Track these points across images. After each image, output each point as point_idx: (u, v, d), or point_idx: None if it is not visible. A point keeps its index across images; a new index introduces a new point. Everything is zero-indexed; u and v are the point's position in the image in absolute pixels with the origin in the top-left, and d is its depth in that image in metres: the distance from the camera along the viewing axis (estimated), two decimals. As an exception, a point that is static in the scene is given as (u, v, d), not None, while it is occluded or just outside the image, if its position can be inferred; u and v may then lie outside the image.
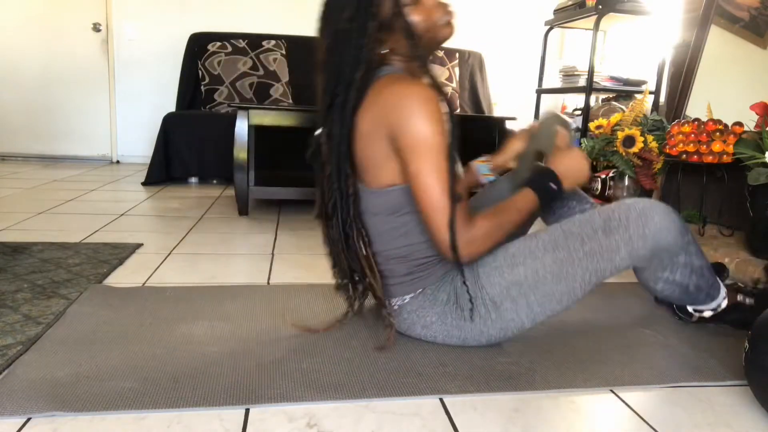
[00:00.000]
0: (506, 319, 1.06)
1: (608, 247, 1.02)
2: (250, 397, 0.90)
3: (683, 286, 1.14)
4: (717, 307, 1.22)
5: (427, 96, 0.95)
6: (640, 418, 0.90)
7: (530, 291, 1.03)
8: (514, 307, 1.05)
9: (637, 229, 1.01)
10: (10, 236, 1.86)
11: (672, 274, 1.11)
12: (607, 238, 1.01)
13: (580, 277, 1.03)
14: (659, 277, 1.12)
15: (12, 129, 4.05)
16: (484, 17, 4.43)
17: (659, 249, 1.04)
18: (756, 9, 2.31)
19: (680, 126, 2.04)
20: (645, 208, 1.03)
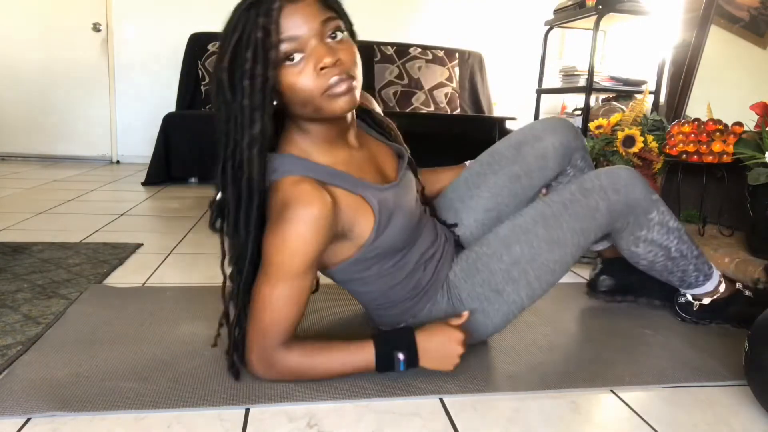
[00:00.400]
0: (509, 302, 1.06)
1: (588, 206, 1.05)
2: (250, 397, 0.90)
3: (665, 248, 1.15)
4: (715, 291, 1.23)
5: (299, 219, 0.84)
6: (640, 418, 0.90)
7: (529, 267, 1.04)
8: (516, 289, 1.05)
9: (610, 184, 1.07)
10: (10, 236, 1.86)
11: (649, 232, 1.12)
12: (586, 198, 1.05)
13: (570, 242, 1.05)
14: (639, 237, 1.13)
15: (12, 129, 4.05)
16: (484, 17, 4.43)
17: (632, 202, 1.08)
18: (756, 9, 2.31)
19: (680, 126, 2.04)
20: (611, 168, 1.10)
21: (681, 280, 1.22)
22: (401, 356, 0.92)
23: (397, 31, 4.26)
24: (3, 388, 0.89)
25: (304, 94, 0.85)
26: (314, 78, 0.84)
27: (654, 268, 1.20)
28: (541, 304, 1.41)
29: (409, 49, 3.97)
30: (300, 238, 0.85)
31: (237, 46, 0.82)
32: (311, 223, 0.84)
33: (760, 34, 2.29)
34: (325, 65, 0.83)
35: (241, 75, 0.82)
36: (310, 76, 0.84)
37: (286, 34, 0.82)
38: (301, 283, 0.88)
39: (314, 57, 0.83)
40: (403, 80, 3.88)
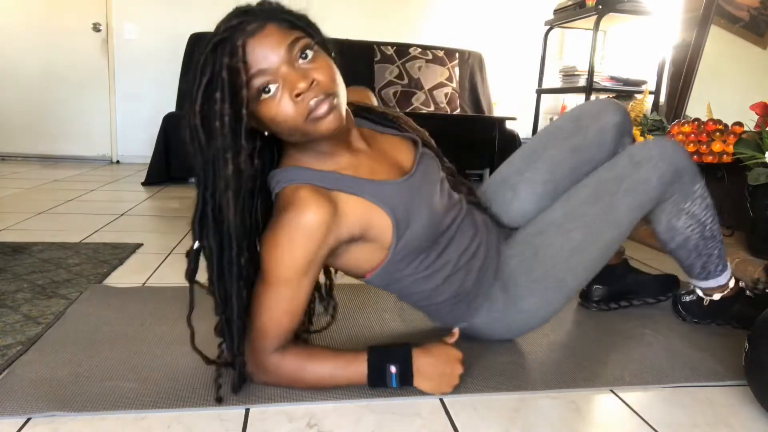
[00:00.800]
0: (569, 288, 1.07)
1: (640, 180, 1.04)
2: (250, 397, 0.90)
3: (702, 224, 1.14)
4: (726, 286, 1.24)
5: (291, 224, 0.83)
6: (640, 418, 0.90)
7: (588, 252, 1.05)
8: (576, 275, 1.06)
9: (659, 154, 1.05)
10: (10, 236, 1.86)
11: (692, 204, 1.12)
12: (637, 171, 1.05)
13: (626, 220, 1.05)
14: (682, 210, 1.11)
15: (12, 129, 4.05)
16: (484, 17, 4.43)
17: (681, 170, 1.07)
18: (756, 9, 2.31)
19: (680, 126, 2.04)
20: (657, 139, 1.10)
21: (703, 266, 1.20)
22: (393, 369, 0.91)
23: (397, 31, 4.26)
24: (3, 388, 0.89)
25: (287, 124, 0.83)
26: (293, 106, 0.81)
27: (687, 245, 1.17)
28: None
29: (409, 49, 3.97)
30: (292, 243, 0.83)
31: (207, 89, 0.79)
32: (303, 228, 0.83)
33: (760, 34, 2.29)
34: (300, 91, 0.80)
35: (212, 117, 0.79)
36: (288, 104, 0.81)
37: (255, 68, 0.80)
38: (296, 288, 0.86)
39: (288, 85, 0.81)
40: (403, 80, 3.88)
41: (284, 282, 0.85)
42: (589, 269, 1.07)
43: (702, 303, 1.28)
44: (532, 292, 1.06)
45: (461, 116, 3.67)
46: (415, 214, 0.93)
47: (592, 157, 1.14)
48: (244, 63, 0.79)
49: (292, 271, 0.85)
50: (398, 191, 0.93)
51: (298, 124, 0.83)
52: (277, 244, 0.84)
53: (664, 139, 1.10)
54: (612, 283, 1.38)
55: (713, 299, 1.26)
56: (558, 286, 1.05)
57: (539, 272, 1.05)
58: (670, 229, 1.15)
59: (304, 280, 0.87)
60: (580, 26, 3.38)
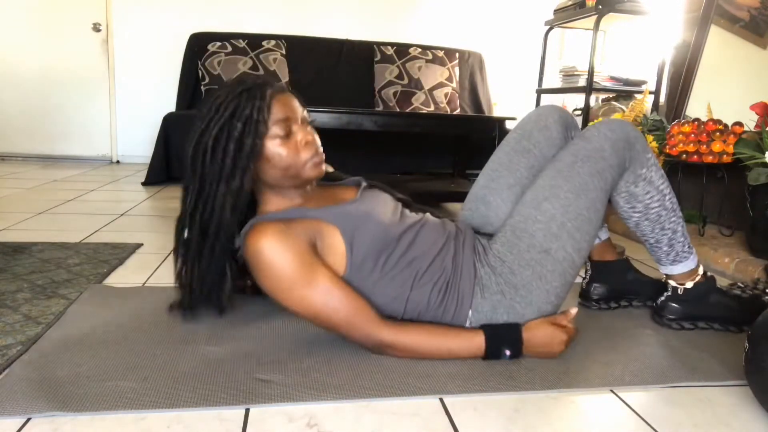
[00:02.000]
0: (560, 259, 1.09)
1: (594, 149, 1.12)
2: (250, 397, 0.90)
3: (661, 192, 1.19)
4: (695, 272, 1.25)
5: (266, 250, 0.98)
6: (640, 418, 0.90)
7: (565, 219, 1.08)
8: (561, 244, 1.08)
9: (607, 127, 1.15)
10: (10, 236, 1.86)
11: (648, 171, 1.17)
12: (589, 144, 1.13)
13: (591, 185, 1.11)
14: (639, 176, 1.17)
15: (12, 129, 4.05)
16: (484, 17, 4.43)
17: (631, 138, 1.15)
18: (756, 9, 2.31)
19: (680, 126, 2.04)
20: (603, 120, 1.19)
21: (670, 245, 1.23)
22: (508, 352, 1.05)
23: (397, 31, 4.26)
24: (3, 388, 0.89)
25: (289, 161, 1.05)
26: (299, 150, 1.06)
27: (649, 215, 1.20)
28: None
29: (409, 49, 3.97)
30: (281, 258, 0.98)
31: (230, 119, 1.01)
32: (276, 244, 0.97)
33: (760, 34, 2.29)
34: (309, 142, 1.06)
35: (228, 140, 1.01)
36: (296, 148, 1.05)
37: (278, 115, 1.04)
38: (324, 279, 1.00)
39: (301, 135, 1.06)
40: (403, 80, 3.88)
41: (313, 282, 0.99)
42: (577, 238, 1.10)
43: (677, 294, 1.27)
44: (522, 265, 1.09)
45: (461, 116, 3.67)
46: (363, 225, 1.06)
47: (545, 154, 1.23)
48: (268, 107, 1.03)
49: (306, 270, 0.99)
50: (340, 211, 1.08)
51: (298, 164, 1.06)
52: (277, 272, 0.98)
53: (610, 119, 1.19)
54: (612, 281, 1.38)
55: (687, 287, 1.26)
56: (546, 255, 1.08)
57: (522, 246, 1.09)
58: (630, 197, 1.19)
59: (321, 269, 1.01)
60: (580, 26, 3.38)
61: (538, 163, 1.22)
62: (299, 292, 0.99)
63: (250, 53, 3.68)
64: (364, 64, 3.95)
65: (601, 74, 3.06)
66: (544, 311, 1.11)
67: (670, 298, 1.29)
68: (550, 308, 1.12)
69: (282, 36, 3.86)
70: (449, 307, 1.09)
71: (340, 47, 3.98)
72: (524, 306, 1.09)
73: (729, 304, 1.27)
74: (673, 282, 1.28)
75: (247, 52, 3.68)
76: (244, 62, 3.64)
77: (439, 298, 1.08)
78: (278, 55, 3.74)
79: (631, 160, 1.16)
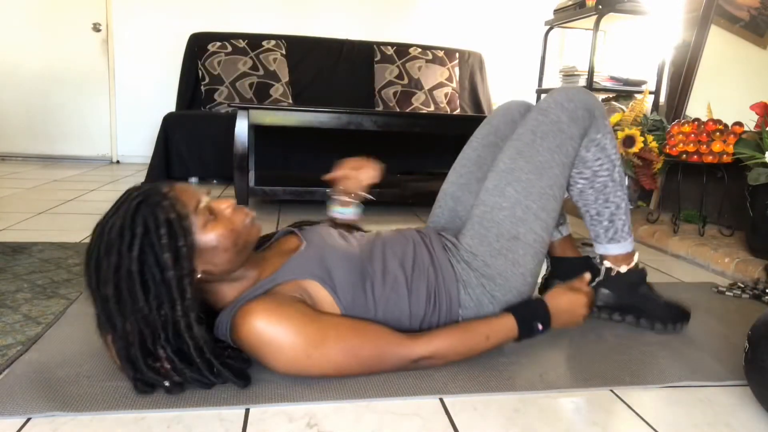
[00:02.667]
0: (529, 241, 1.08)
1: (552, 122, 1.11)
2: (250, 397, 0.90)
3: (611, 161, 1.17)
4: (631, 257, 1.24)
5: (266, 330, 0.86)
6: (640, 418, 0.90)
7: (529, 201, 1.08)
8: (529, 227, 1.08)
9: (563, 97, 1.13)
10: (10, 236, 1.86)
11: (603, 137, 1.16)
12: (547, 117, 1.12)
13: (553, 161, 1.10)
14: (593, 140, 1.15)
15: (12, 129, 4.05)
16: (484, 17, 4.43)
17: (589, 105, 1.13)
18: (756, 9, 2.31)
19: (680, 126, 2.04)
20: (558, 88, 1.17)
21: (611, 219, 1.21)
22: (540, 326, 1.04)
23: (397, 31, 4.27)
24: (3, 388, 0.89)
25: (233, 234, 0.91)
26: (232, 219, 0.92)
27: (594, 184, 1.18)
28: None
29: (409, 49, 3.97)
30: (284, 331, 0.87)
31: (146, 235, 0.84)
32: (273, 318, 0.87)
33: (760, 34, 2.29)
34: (231, 206, 0.94)
35: (157, 256, 0.83)
36: (229, 220, 0.92)
37: (191, 204, 0.89)
38: (331, 327, 0.91)
39: (222, 206, 0.93)
40: (403, 80, 3.88)
41: (325, 336, 0.90)
42: (542, 217, 1.09)
43: (610, 277, 1.25)
44: (494, 255, 1.08)
45: (461, 116, 3.67)
46: (329, 264, 1.00)
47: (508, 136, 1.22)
48: (179, 201, 0.87)
49: (314, 329, 0.89)
50: (303, 261, 1.00)
51: (240, 231, 0.92)
52: (283, 346, 0.87)
53: (565, 87, 1.16)
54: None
55: (620, 271, 1.25)
56: (515, 241, 1.08)
57: (491, 236, 1.09)
58: (580, 161, 1.16)
59: (323, 318, 0.92)
60: (580, 26, 3.39)
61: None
62: (317, 354, 0.89)
63: (250, 53, 3.68)
64: (364, 64, 3.96)
65: (601, 74, 3.06)
66: (523, 293, 1.11)
67: (602, 282, 1.26)
68: (528, 289, 1.12)
69: (282, 36, 3.86)
70: (442, 309, 1.07)
71: (340, 47, 3.98)
72: (504, 293, 1.08)
73: (656, 300, 1.25)
74: (608, 263, 1.25)
75: (247, 52, 3.68)
76: (244, 62, 3.64)
77: (432, 304, 1.07)
78: (278, 55, 3.74)
79: (589, 127, 1.14)
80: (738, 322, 1.35)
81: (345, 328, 0.93)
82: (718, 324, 1.33)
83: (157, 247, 0.84)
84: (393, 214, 2.62)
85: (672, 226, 2.16)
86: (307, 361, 0.88)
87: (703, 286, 1.66)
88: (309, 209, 2.60)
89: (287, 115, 2.48)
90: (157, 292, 0.84)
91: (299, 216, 2.45)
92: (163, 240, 0.84)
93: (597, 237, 1.25)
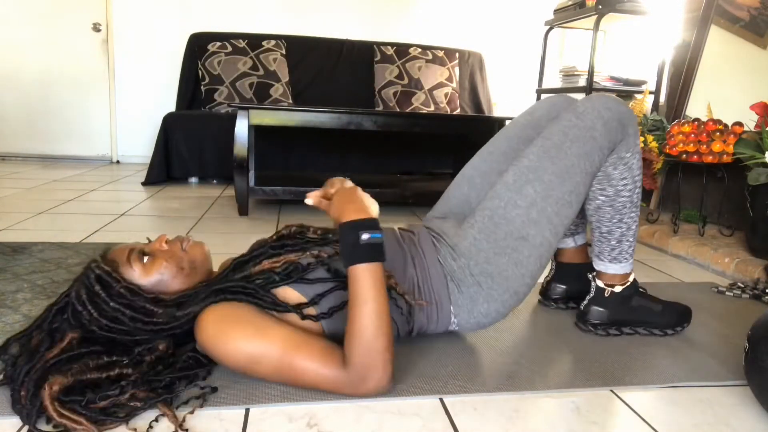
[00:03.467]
0: (537, 245, 1.05)
1: (586, 128, 1.07)
2: (250, 397, 0.90)
3: (635, 182, 1.15)
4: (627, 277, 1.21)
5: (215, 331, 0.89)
6: (640, 418, 0.90)
7: (546, 204, 1.05)
8: (539, 230, 1.05)
9: (601, 104, 1.09)
10: (10, 236, 1.86)
11: (632, 156, 1.13)
12: (582, 121, 1.08)
13: (578, 168, 1.07)
14: (622, 159, 1.12)
15: (12, 129, 4.05)
16: (484, 17, 4.43)
17: (624, 119, 1.10)
18: (756, 9, 2.31)
19: (680, 126, 2.04)
20: (597, 95, 1.13)
21: (619, 240, 1.18)
22: (366, 235, 0.88)
23: (397, 31, 4.27)
24: (3, 388, 0.89)
25: (173, 262, 0.97)
26: (169, 250, 1.00)
27: (615, 203, 1.15)
28: (542, 304, 1.42)
29: (409, 49, 3.97)
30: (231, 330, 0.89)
31: (90, 299, 0.91)
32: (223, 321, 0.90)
33: (760, 34, 2.29)
34: (163, 239, 1.01)
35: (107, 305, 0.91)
36: (165, 252, 0.99)
37: (121, 256, 0.96)
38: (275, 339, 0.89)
39: (152, 246, 1.00)
40: (403, 80, 3.88)
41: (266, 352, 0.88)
42: (555, 223, 1.06)
43: (603, 297, 1.22)
44: (498, 253, 1.04)
45: (461, 116, 3.67)
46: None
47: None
48: (106, 259, 0.96)
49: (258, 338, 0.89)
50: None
51: (180, 255, 0.99)
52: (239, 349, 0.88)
53: (605, 94, 1.13)
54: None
55: (615, 291, 1.21)
56: (523, 242, 1.04)
57: (499, 232, 1.05)
58: (605, 177, 1.14)
59: (276, 327, 0.90)
60: (580, 26, 3.39)
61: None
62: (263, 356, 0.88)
63: (250, 53, 3.68)
64: (364, 64, 3.96)
65: (601, 74, 3.06)
66: (520, 292, 1.07)
67: (593, 300, 1.23)
68: (525, 290, 1.08)
69: (282, 36, 3.86)
70: (431, 312, 1.06)
71: (340, 47, 3.98)
72: (502, 293, 1.05)
73: (650, 308, 1.23)
74: (600, 282, 1.22)
75: (247, 52, 3.68)
76: (244, 62, 3.64)
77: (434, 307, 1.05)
78: (278, 55, 3.74)
79: (619, 142, 1.11)
80: (738, 322, 1.35)
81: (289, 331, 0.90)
82: (718, 324, 1.33)
83: (102, 301, 0.91)
84: (393, 214, 2.62)
85: (672, 226, 2.16)
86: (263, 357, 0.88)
87: (703, 286, 1.66)
88: (309, 209, 2.60)
89: (287, 115, 2.48)
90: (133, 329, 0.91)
91: (299, 216, 2.45)
92: (102, 294, 0.91)
93: (600, 254, 1.22)
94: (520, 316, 1.32)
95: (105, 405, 0.82)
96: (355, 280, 0.87)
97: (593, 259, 1.24)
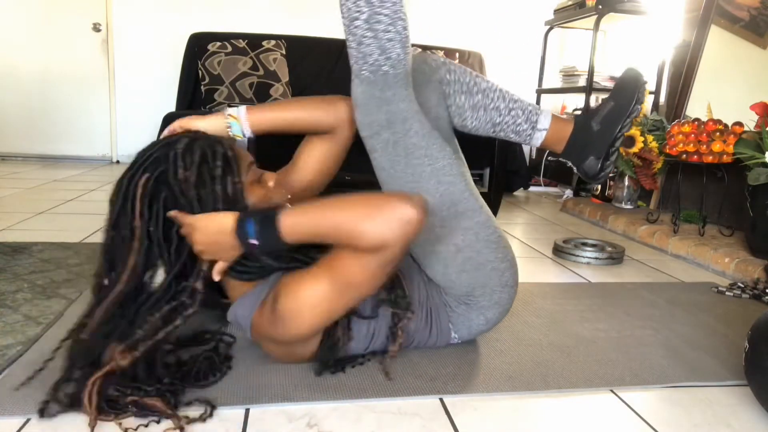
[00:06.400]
0: (473, 240, 1.02)
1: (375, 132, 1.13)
2: (250, 397, 0.90)
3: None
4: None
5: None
6: (640, 418, 0.90)
7: (441, 211, 1.01)
8: (461, 230, 1.02)
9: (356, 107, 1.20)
10: (10, 236, 1.86)
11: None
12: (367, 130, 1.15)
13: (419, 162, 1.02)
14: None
15: (12, 129, 4.05)
16: (484, 17, 4.43)
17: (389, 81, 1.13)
18: (756, 9, 2.31)
19: (680, 126, 2.04)
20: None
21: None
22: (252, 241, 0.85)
23: (397, 31, 4.26)
24: (3, 388, 0.89)
25: (266, 204, 0.95)
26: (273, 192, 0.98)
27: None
28: (541, 304, 1.41)
29: (409, 49, 3.97)
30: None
31: (202, 164, 0.89)
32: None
33: (760, 34, 2.29)
34: (274, 179, 1.01)
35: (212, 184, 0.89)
36: (270, 190, 0.98)
37: (246, 160, 0.96)
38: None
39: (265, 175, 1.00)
40: (403, 80, 3.88)
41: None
42: (464, 214, 1.02)
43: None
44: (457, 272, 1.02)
45: (461, 116, 3.67)
46: None
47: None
48: (234, 153, 0.93)
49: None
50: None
51: (271, 197, 0.97)
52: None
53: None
54: (584, 147, 1.13)
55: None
56: (457, 251, 1.01)
57: (439, 263, 1.03)
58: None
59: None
60: (580, 26, 3.39)
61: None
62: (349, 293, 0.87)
63: (250, 53, 3.68)
64: (364, 64, 3.95)
65: (601, 74, 3.06)
66: (507, 282, 1.06)
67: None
68: (510, 274, 1.06)
69: (282, 36, 3.86)
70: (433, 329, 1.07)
71: (340, 47, 3.98)
72: (489, 298, 1.05)
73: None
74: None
75: (247, 52, 3.68)
76: (244, 62, 3.64)
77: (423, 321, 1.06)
78: (278, 55, 3.74)
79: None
80: (738, 322, 1.35)
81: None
82: (718, 324, 1.34)
83: (207, 176, 0.88)
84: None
85: (672, 226, 2.16)
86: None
87: (703, 286, 1.66)
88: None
89: (287, 115, 2.48)
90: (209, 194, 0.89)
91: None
92: (218, 171, 0.89)
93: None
94: (520, 316, 1.32)
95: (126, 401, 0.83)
96: (297, 232, 0.83)
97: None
